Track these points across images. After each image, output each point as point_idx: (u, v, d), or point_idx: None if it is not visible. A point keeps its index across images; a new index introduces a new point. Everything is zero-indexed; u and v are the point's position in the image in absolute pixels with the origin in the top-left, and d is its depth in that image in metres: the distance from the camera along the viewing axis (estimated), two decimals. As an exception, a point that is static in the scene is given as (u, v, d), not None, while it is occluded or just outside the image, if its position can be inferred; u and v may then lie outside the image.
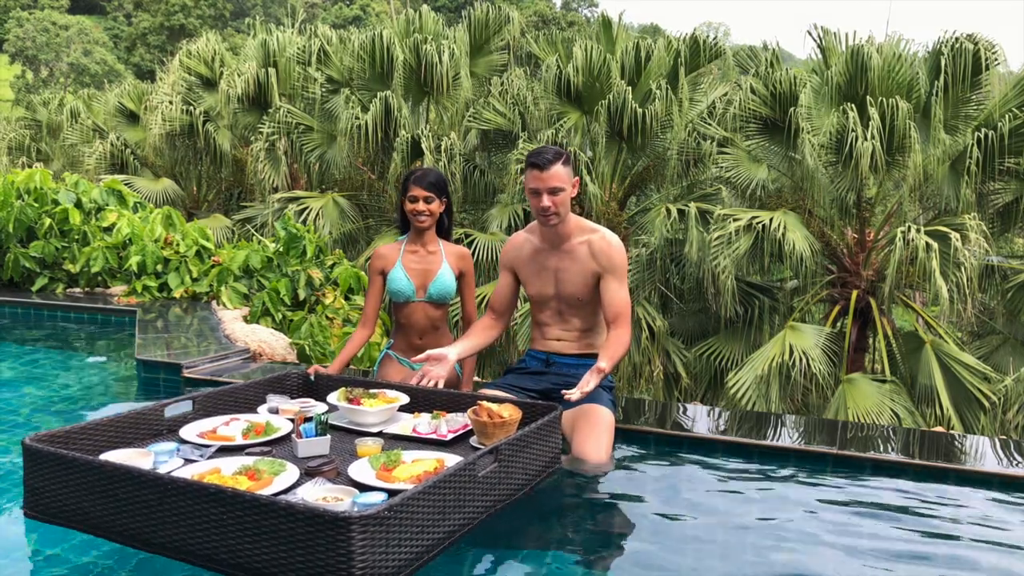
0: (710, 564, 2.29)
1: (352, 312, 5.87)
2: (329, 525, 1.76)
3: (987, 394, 7.81)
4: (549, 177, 3.01)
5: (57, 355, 5.11)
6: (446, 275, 3.56)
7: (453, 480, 2.07)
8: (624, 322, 3.05)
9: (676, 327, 10.15)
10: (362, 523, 1.76)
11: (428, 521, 1.97)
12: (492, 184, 11.20)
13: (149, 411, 2.61)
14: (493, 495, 2.27)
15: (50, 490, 2.14)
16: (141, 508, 1.99)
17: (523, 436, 2.42)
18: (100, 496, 2.05)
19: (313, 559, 1.79)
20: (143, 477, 1.99)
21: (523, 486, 2.43)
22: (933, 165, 8.74)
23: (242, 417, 2.75)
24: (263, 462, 2.27)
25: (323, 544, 1.77)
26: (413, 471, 2.25)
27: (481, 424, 2.52)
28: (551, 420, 2.59)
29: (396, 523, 1.86)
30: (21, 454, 2.20)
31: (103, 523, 2.07)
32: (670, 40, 11.25)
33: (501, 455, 2.30)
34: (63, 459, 2.11)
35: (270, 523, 1.82)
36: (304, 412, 2.80)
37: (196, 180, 14.47)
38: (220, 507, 1.88)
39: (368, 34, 12.22)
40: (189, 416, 2.74)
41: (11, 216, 6.42)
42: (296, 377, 3.20)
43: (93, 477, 2.06)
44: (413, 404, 2.95)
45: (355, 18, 62.95)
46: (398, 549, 1.87)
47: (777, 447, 3.17)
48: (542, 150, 3.06)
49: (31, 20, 54.91)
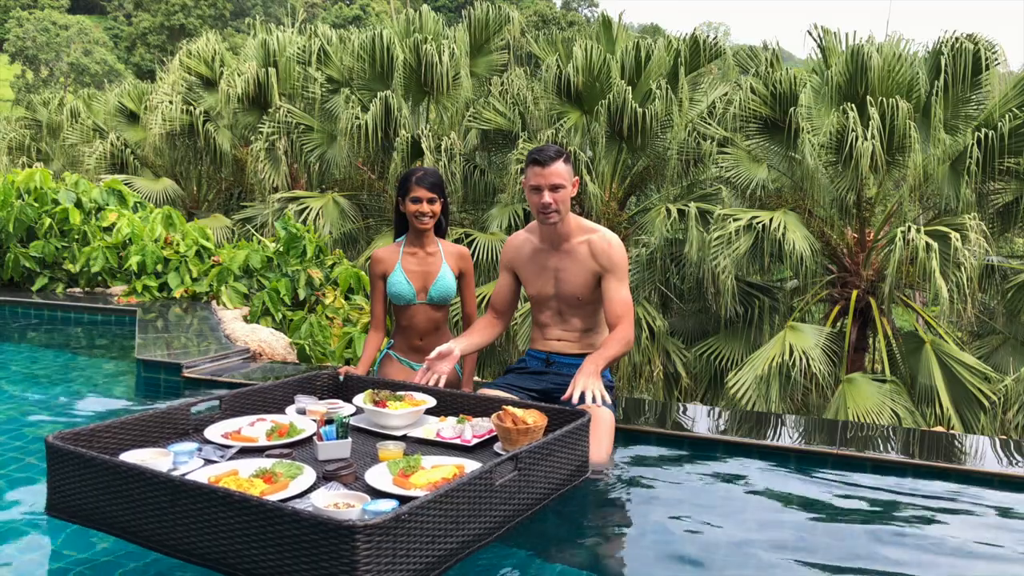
0: (710, 564, 2.29)
1: (352, 312, 5.87)
2: (333, 533, 1.72)
3: (987, 394, 7.80)
4: (551, 174, 3.01)
5: (57, 355, 5.11)
6: (446, 276, 3.55)
7: (468, 488, 1.98)
8: (625, 322, 3.04)
9: (676, 327, 10.15)
10: (367, 532, 1.70)
11: (440, 531, 1.90)
12: (492, 184, 11.19)
13: (175, 410, 2.59)
14: (513, 504, 2.17)
15: (71, 489, 2.13)
16: (154, 509, 1.98)
17: (546, 443, 2.33)
18: (117, 496, 2.04)
19: (317, 568, 1.75)
20: (155, 478, 1.98)
21: (546, 496, 2.34)
22: (933, 165, 8.74)
23: (268, 418, 2.73)
24: (280, 465, 2.26)
25: (327, 553, 1.73)
26: (431, 478, 2.20)
27: (505, 430, 2.47)
28: (578, 427, 2.49)
29: (404, 533, 1.79)
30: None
31: (120, 523, 2.06)
32: (670, 40, 11.25)
33: (521, 463, 2.21)
34: (82, 458, 2.10)
35: (276, 529, 1.80)
36: (331, 414, 2.79)
37: (196, 180, 14.47)
38: (229, 511, 1.86)
39: (368, 34, 12.22)
40: (215, 416, 2.71)
41: (11, 216, 6.42)
42: (326, 378, 3.16)
43: (110, 477, 2.05)
44: (441, 407, 2.91)
45: (355, 18, 62.97)
46: (406, 560, 1.80)
47: (777, 447, 3.17)
48: (543, 148, 3.07)
49: (31, 20, 54.91)
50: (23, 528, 2.41)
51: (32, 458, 2.96)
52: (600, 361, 2.85)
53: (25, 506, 2.54)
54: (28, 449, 3.07)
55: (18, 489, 2.70)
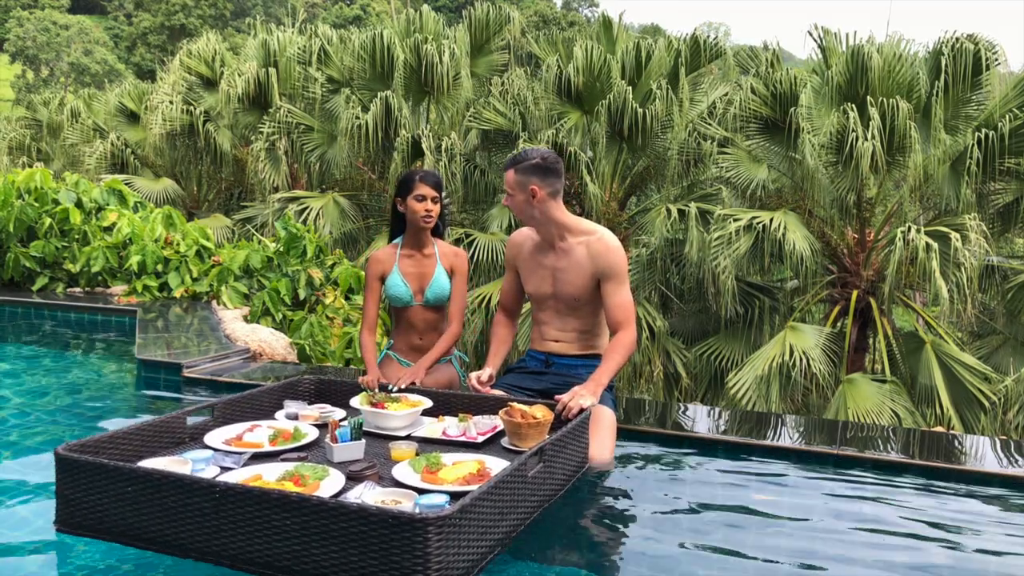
0: (710, 564, 2.30)
1: (352, 312, 5.87)
2: (406, 527, 1.76)
3: (987, 394, 7.80)
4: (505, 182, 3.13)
5: (57, 355, 5.12)
6: (442, 278, 3.56)
7: (509, 481, 2.08)
8: (626, 326, 3.03)
9: (676, 327, 10.15)
10: (438, 524, 1.76)
11: (490, 522, 1.97)
12: (492, 184, 11.19)
13: (172, 419, 2.59)
14: (539, 496, 2.29)
15: (87, 502, 2.07)
16: (194, 516, 1.95)
17: (562, 436, 2.44)
18: (147, 506, 2.00)
19: (388, 561, 1.78)
20: (197, 485, 1.96)
21: (561, 486, 2.45)
22: (933, 165, 8.74)
23: (263, 423, 2.74)
24: (304, 467, 2.26)
25: (398, 546, 1.77)
26: (458, 473, 2.26)
27: (515, 425, 2.53)
28: (583, 421, 2.64)
29: (467, 524, 1.86)
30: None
31: (148, 534, 2.01)
32: (670, 40, 11.25)
33: (546, 456, 2.31)
34: (105, 469, 2.04)
35: (340, 527, 1.81)
36: (324, 418, 2.81)
37: (196, 180, 14.46)
38: (285, 512, 1.86)
39: (368, 34, 12.22)
40: (209, 423, 2.72)
41: (11, 216, 6.42)
42: (309, 383, 3.19)
43: (139, 486, 2.00)
44: (436, 408, 2.96)
45: (355, 18, 62.97)
46: (467, 550, 1.87)
47: (777, 447, 3.17)
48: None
49: (32, 20, 54.93)
50: (29, 542, 2.40)
51: (32, 461, 2.95)
52: (603, 378, 2.90)
53: (29, 514, 2.53)
54: (29, 449, 3.07)
55: (19, 493, 2.70)
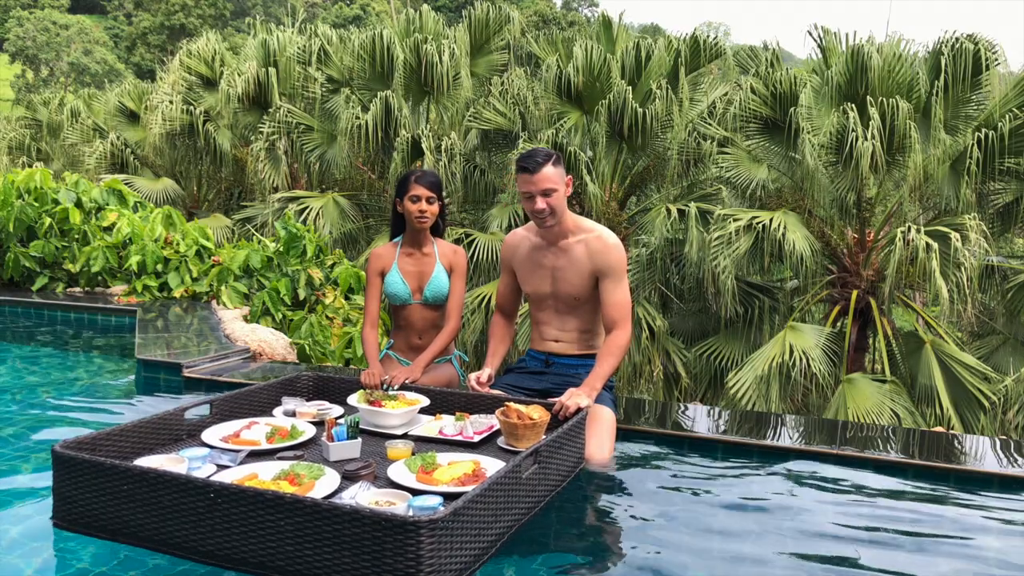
0: (710, 564, 2.29)
1: (352, 311, 5.87)
2: (398, 529, 1.76)
3: (987, 394, 7.81)
4: (540, 180, 2.99)
5: (57, 355, 5.11)
6: (441, 277, 3.58)
7: (503, 483, 2.07)
8: (622, 325, 3.04)
9: (676, 327, 10.15)
10: (431, 527, 1.75)
11: (484, 524, 1.96)
12: (492, 184, 11.19)
13: (170, 416, 2.58)
14: (534, 497, 2.27)
15: (84, 500, 2.08)
16: (189, 516, 1.95)
17: (557, 437, 2.42)
18: (142, 505, 2.00)
19: (380, 564, 1.78)
20: (191, 484, 1.95)
21: (555, 487, 2.44)
22: (933, 165, 8.74)
23: (261, 420, 2.73)
24: (300, 466, 2.25)
25: (391, 549, 1.77)
26: (453, 473, 2.25)
27: (511, 426, 2.52)
28: (579, 421, 2.64)
29: (459, 526, 1.85)
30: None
31: (143, 532, 2.01)
32: (670, 40, 11.25)
33: (541, 456, 2.30)
34: (101, 467, 2.04)
35: (334, 528, 1.81)
36: (321, 415, 2.80)
37: (196, 180, 14.47)
38: (279, 513, 1.86)
39: (368, 34, 12.22)
40: (207, 420, 2.71)
41: (11, 215, 6.42)
42: (307, 379, 3.19)
43: (135, 485, 2.00)
44: (433, 406, 2.96)
45: (355, 18, 62.97)
46: (459, 553, 1.86)
47: (777, 447, 3.17)
48: (531, 153, 3.03)
49: (31, 19, 54.92)
50: (24, 536, 2.40)
51: (32, 460, 2.95)
52: (597, 383, 2.91)
53: (27, 510, 2.53)
54: (28, 450, 3.07)
55: (19, 493, 2.70)
